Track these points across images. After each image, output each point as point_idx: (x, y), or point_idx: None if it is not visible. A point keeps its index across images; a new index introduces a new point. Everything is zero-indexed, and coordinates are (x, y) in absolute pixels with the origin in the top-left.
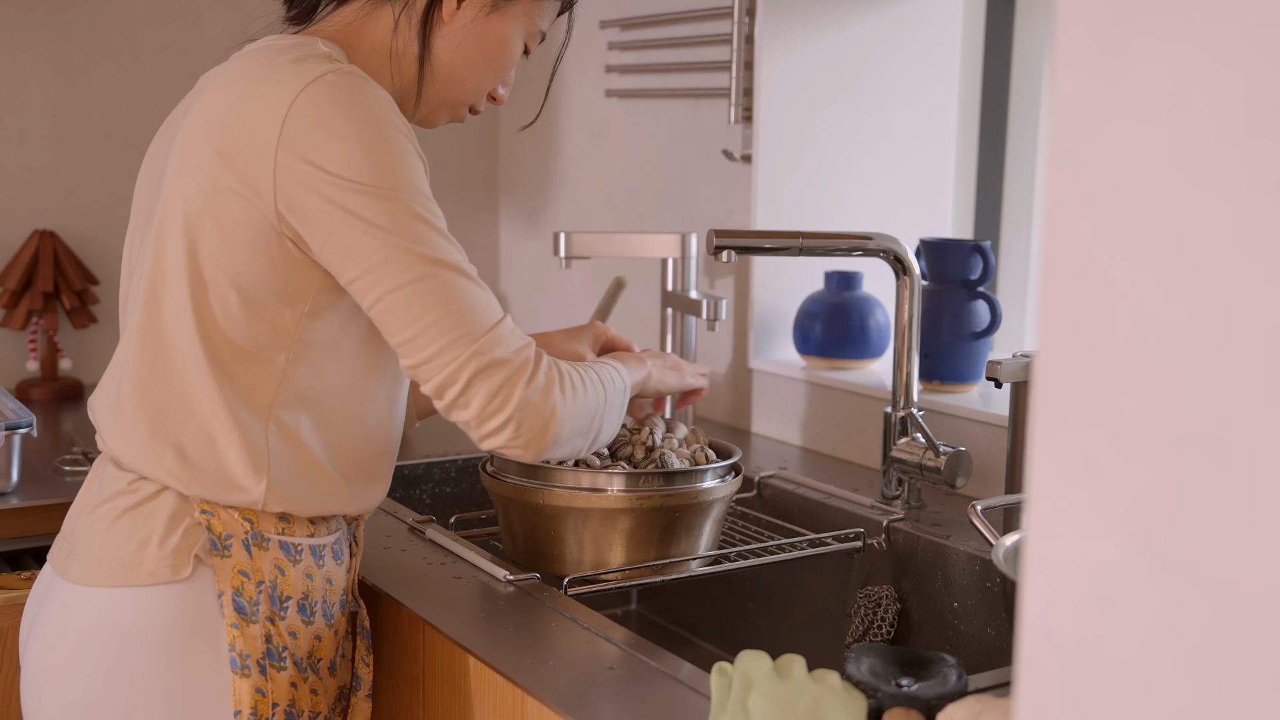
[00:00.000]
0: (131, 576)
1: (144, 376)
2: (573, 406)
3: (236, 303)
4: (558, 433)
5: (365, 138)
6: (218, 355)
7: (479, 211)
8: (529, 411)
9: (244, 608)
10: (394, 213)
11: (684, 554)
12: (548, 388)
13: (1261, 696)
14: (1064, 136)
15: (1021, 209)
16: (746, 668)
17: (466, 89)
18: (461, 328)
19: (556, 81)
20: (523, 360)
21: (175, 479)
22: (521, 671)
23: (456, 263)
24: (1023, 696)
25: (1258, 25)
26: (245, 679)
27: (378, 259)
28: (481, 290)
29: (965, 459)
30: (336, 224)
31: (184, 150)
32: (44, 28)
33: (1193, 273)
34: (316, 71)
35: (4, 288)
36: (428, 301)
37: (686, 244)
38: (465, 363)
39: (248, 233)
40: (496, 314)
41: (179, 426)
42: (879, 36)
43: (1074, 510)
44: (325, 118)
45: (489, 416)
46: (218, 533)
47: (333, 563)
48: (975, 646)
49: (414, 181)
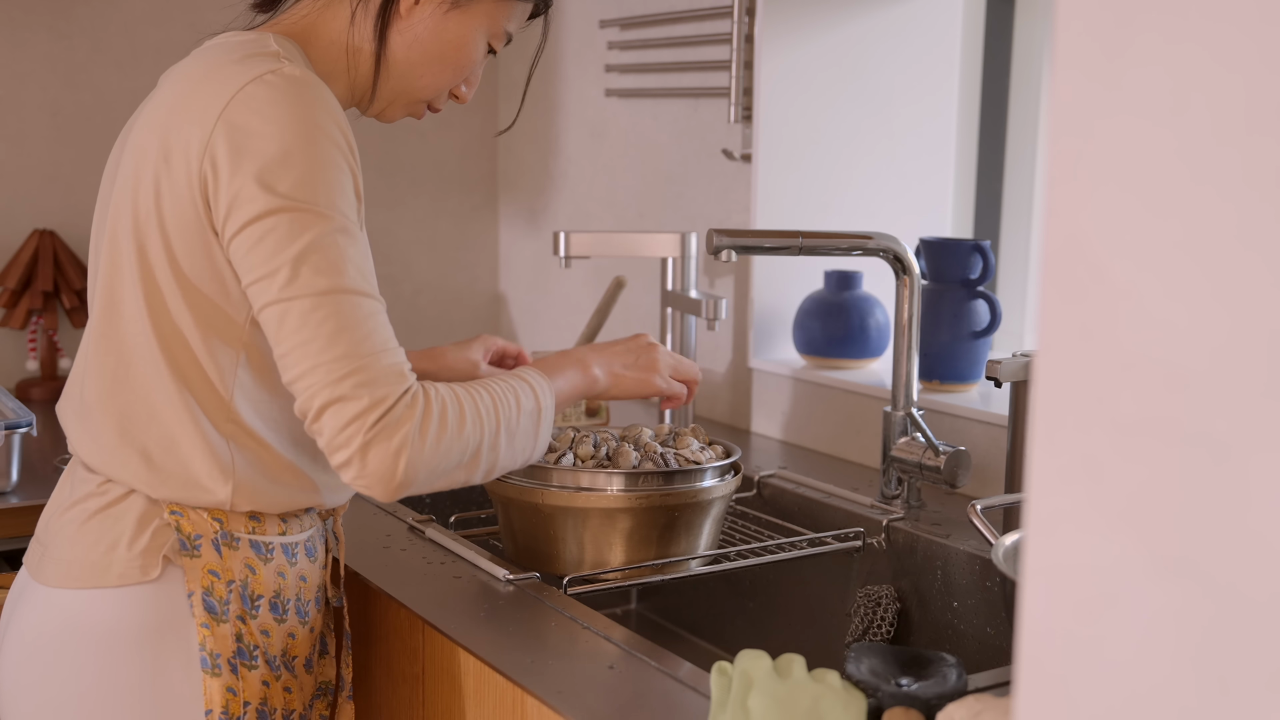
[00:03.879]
0: (102, 578)
1: (107, 382)
2: (433, 446)
3: (186, 306)
4: (408, 475)
5: (290, 144)
6: (175, 359)
7: (479, 211)
8: (375, 451)
9: (214, 607)
10: (295, 226)
11: (684, 553)
12: (397, 426)
13: (1261, 696)
14: (1064, 136)
15: (1021, 209)
16: (746, 667)
17: (423, 86)
18: (324, 355)
19: (556, 81)
20: (379, 397)
21: (142, 482)
22: (521, 671)
23: (343, 287)
24: (1023, 696)
25: (1258, 25)
26: (216, 678)
27: (267, 269)
28: (365, 318)
29: (965, 458)
30: (241, 225)
31: (133, 153)
32: (44, 28)
33: (1193, 272)
34: (257, 71)
35: (4, 287)
36: (298, 323)
37: (686, 243)
38: (319, 391)
39: (188, 234)
40: (373, 345)
41: (143, 431)
42: (879, 37)
43: (1074, 510)
44: (255, 120)
45: (334, 450)
46: (187, 533)
47: (306, 560)
48: (975, 646)
49: (330, 196)
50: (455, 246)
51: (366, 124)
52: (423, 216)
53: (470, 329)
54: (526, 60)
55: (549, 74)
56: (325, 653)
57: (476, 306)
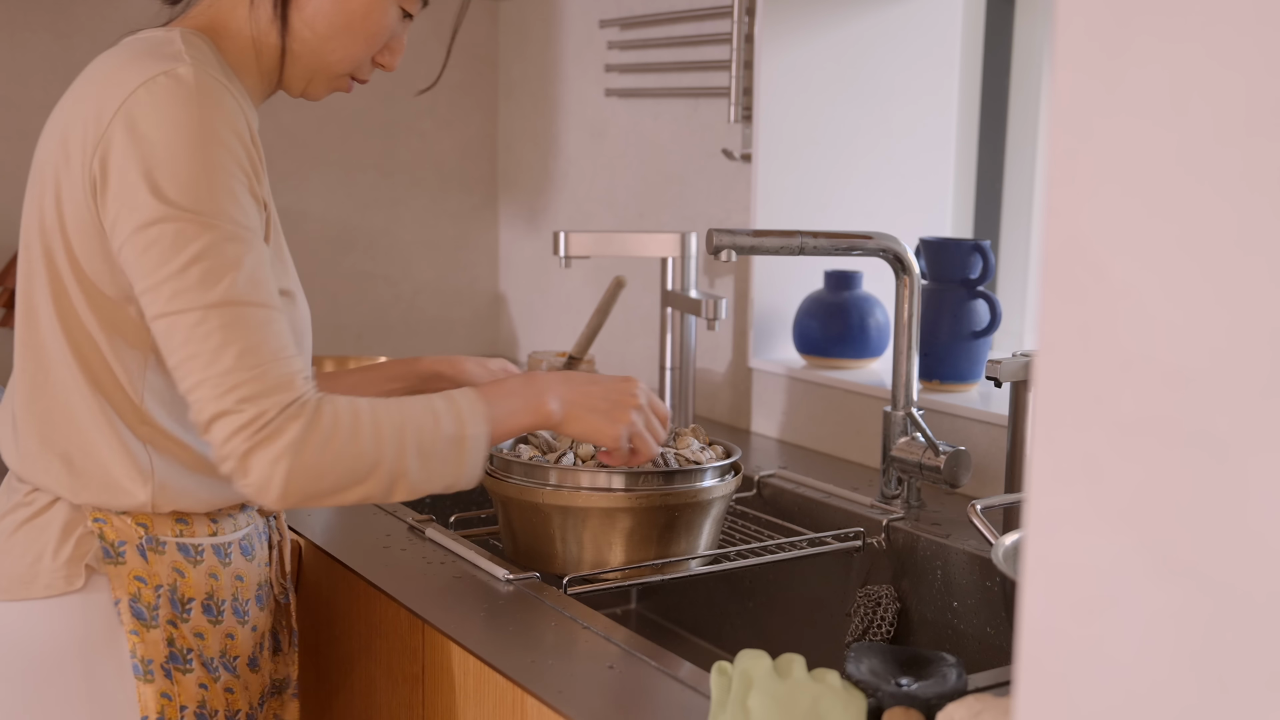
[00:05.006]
0: (28, 590)
1: (29, 389)
2: (317, 455)
3: (90, 309)
4: (289, 483)
5: (178, 150)
6: (88, 363)
7: (479, 211)
8: (255, 459)
9: (142, 613)
10: (181, 235)
11: (684, 553)
12: (277, 435)
13: (1260, 696)
14: (1064, 136)
15: (1021, 208)
16: (746, 667)
17: (337, 60)
18: (210, 369)
19: (556, 81)
20: (262, 409)
21: (64, 488)
22: (521, 671)
23: (230, 298)
24: (1023, 696)
25: (1258, 25)
26: (149, 684)
27: (153, 280)
28: (254, 329)
29: (965, 458)
30: (129, 233)
31: (40, 155)
32: (44, 28)
33: (1193, 272)
34: (150, 73)
35: (3, 287)
36: (185, 336)
37: (686, 243)
38: (206, 405)
39: (86, 235)
40: (259, 357)
41: (64, 436)
42: (879, 36)
43: (1074, 510)
44: (145, 123)
45: (221, 461)
46: (110, 540)
47: (241, 559)
48: (975, 646)
49: (218, 203)
50: (455, 246)
51: (366, 124)
52: (423, 216)
53: (470, 329)
54: (527, 60)
55: (549, 74)
56: (279, 650)
57: (476, 306)
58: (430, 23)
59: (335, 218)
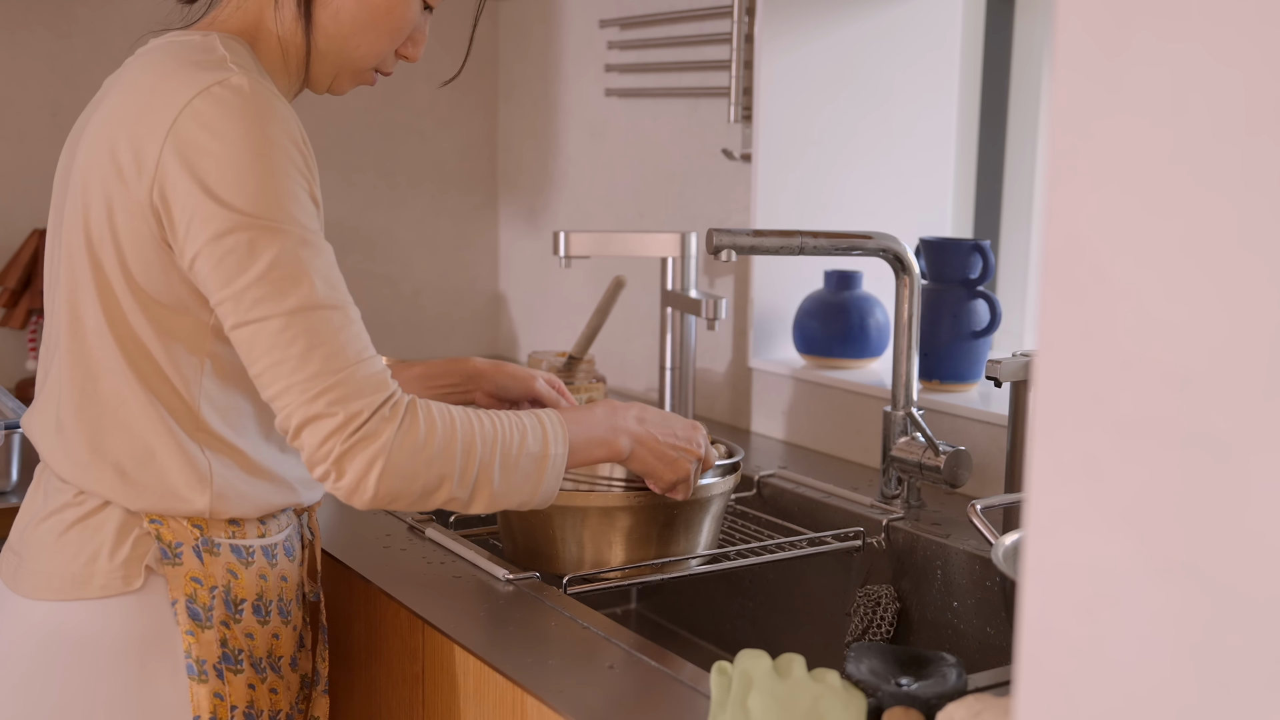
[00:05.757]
0: (83, 590)
1: (77, 398)
2: (411, 458)
3: (145, 318)
4: (383, 485)
5: (241, 159)
6: (141, 370)
7: (479, 211)
8: (350, 463)
9: (198, 614)
10: (255, 244)
11: (683, 552)
12: (373, 437)
13: (1261, 696)
14: (1064, 136)
15: (1021, 208)
16: (746, 667)
17: (362, 55)
18: (296, 375)
19: (556, 81)
20: (354, 411)
21: (118, 495)
22: (521, 671)
23: (310, 303)
24: (1022, 696)
25: (1258, 25)
26: (203, 684)
27: (231, 290)
28: (336, 331)
29: (965, 458)
30: (202, 244)
31: (83, 166)
32: (44, 27)
33: (1193, 272)
34: (204, 83)
35: (4, 287)
36: (268, 344)
37: (686, 243)
38: (294, 411)
39: (144, 249)
40: (345, 359)
41: (117, 445)
42: (879, 36)
43: (1074, 509)
44: (205, 134)
45: (314, 465)
46: (168, 541)
47: (285, 560)
48: (975, 646)
49: (286, 209)
50: (455, 246)
51: (366, 124)
52: (423, 216)
53: (470, 329)
54: (527, 60)
55: (549, 74)
56: (302, 646)
57: (476, 306)
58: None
59: (335, 218)
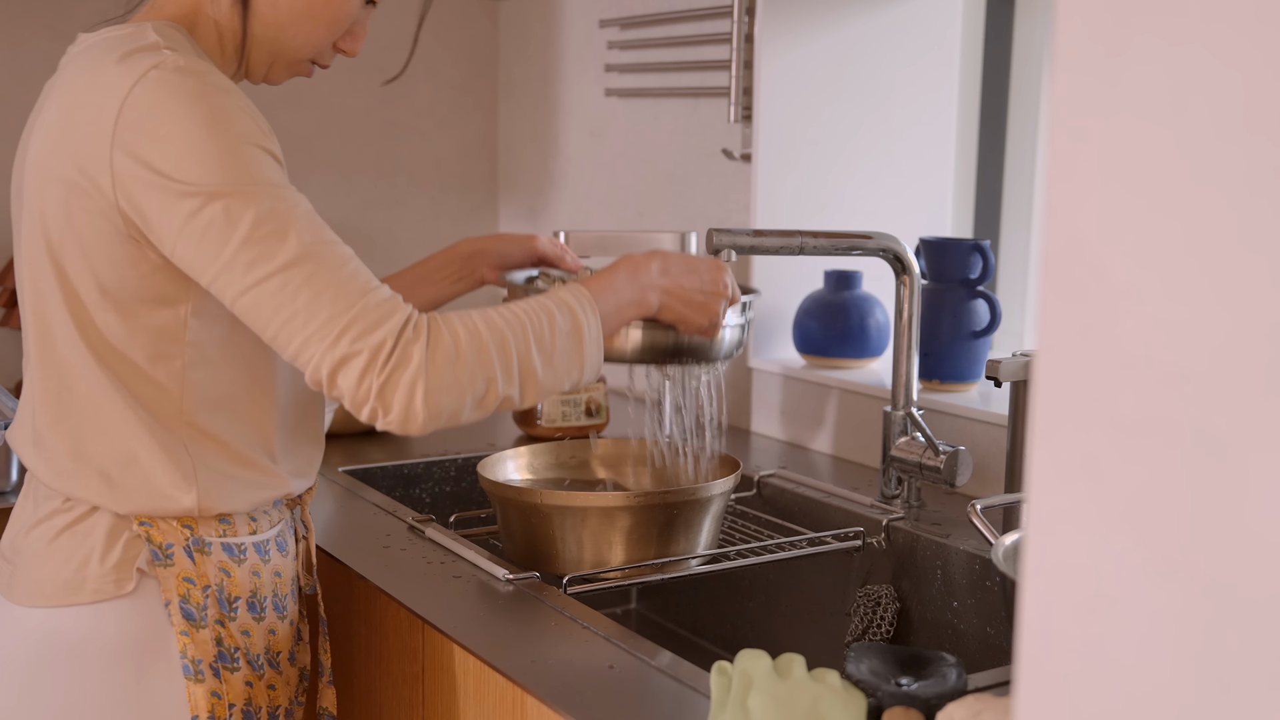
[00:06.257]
0: (76, 595)
1: (53, 407)
2: (450, 369)
3: (115, 317)
4: (431, 404)
5: (193, 137)
6: (116, 373)
7: (479, 211)
8: (392, 394)
9: (192, 614)
10: (230, 212)
11: (683, 552)
12: (405, 362)
13: (1261, 696)
14: (1063, 136)
15: (1021, 208)
16: (746, 667)
17: (298, 45)
18: (310, 325)
19: (556, 81)
20: (378, 343)
21: (106, 499)
22: (521, 671)
23: (301, 253)
24: (1022, 696)
25: (1258, 24)
26: (199, 684)
27: (221, 263)
28: (334, 270)
29: (965, 458)
30: (179, 228)
31: (35, 172)
32: (44, 28)
33: (1193, 272)
34: (140, 70)
35: (4, 287)
36: (274, 304)
37: (686, 243)
38: (321, 361)
39: (105, 244)
40: (351, 293)
41: (100, 451)
42: (879, 36)
43: (1074, 509)
44: (151, 121)
45: (359, 408)
46: (158, 543)
47: (278, 555)
48: (975, 646)
49: (252, 173)
50: None
51: (366, 124)
52: (423, 216)
53: None
54: (527, 60)
55: (549, 74)
56: (300, 640)
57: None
58: (430, 21)
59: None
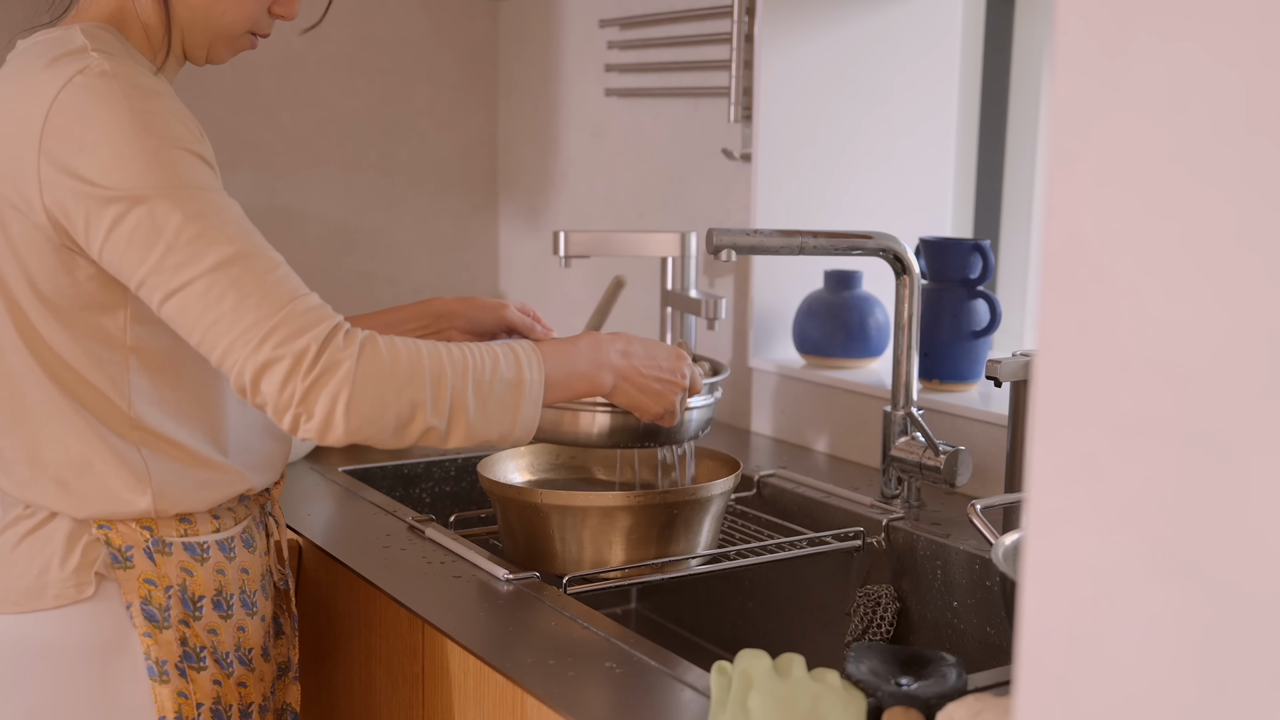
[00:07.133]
0: (38, 601)
1: (7, 416)
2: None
3: (56, 326)
4: (352, 413)
5: (117, 141)
6: (63, 381)
7: (479, 211)
8: (315, 399)
9: (154, 615)
10: (155, 216)
11: (683, 552)
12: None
13: (1261, 696)
14: (1063, 136)
15: (1021, 208)
16: (746, 667)
17: (230, 20)
18: (235, 329)
19: (556, 81)
20: (301, 348)
21: (63, 505)
22: (521, 671)
23: (227, 256)
24: (1023, 696)
25: (1258, 25)
26: (165, 685)
27: (147, 267)
28: (260, 276)
29: (965, 458)
30: (106, 233)
31: None
32: None
33: (1193, 272)
34: (66, 75)
35: None
36: (199, 307)
37: (686, 243)
38: (244, 365)
39: (39, 253)
40: (277, 300)
41: (54, 460)
42: (879, 36)
43: (1074, 509)
44: (76, 127)
45: (281, 414)
46: (117, 545)
47: (244, 552)
48: (975, 645)
49: (178, 176)
50: (455, 246)
51: (366, 124)
52: (423, 216)
53: None
54: (527, 60)
55: (549, 74)
56: (280, 634)
57: None
58: (430, 21)
59: (335, 218)
